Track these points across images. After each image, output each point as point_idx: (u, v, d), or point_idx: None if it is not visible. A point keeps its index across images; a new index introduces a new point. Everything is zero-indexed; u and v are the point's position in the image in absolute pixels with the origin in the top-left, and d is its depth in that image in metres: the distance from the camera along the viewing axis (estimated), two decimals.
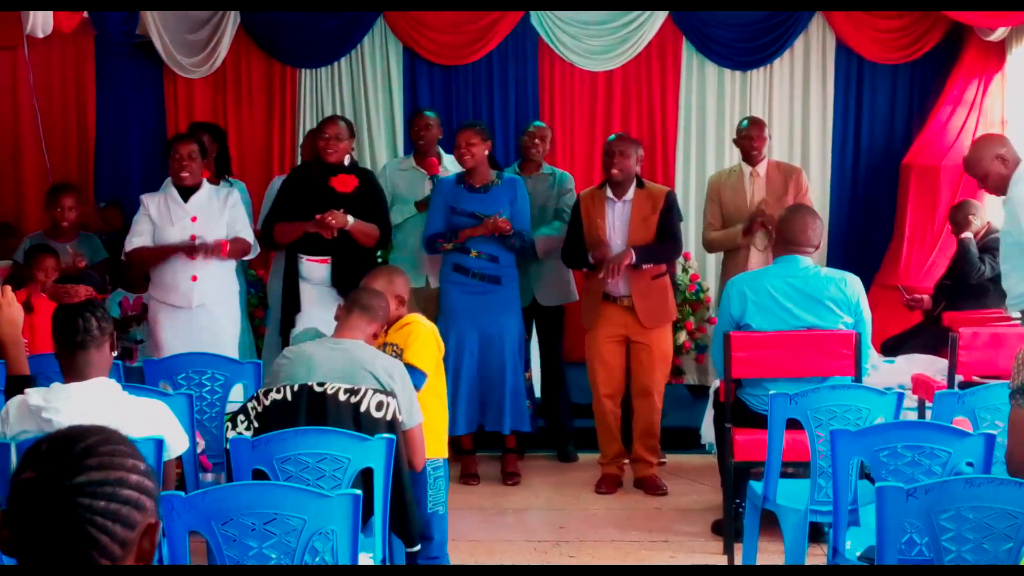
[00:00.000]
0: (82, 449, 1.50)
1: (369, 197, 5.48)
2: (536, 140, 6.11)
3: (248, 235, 5.46)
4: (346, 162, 5.49)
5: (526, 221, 5.61)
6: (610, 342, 5.52)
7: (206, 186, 5.42)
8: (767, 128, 6.02)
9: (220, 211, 5.37)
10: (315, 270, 5.43)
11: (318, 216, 5.25)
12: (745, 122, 6.02)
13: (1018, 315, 4.83)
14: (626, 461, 5.77)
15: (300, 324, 5.25)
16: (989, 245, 5.96)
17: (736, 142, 6.04)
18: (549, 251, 5.92)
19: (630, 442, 5.79)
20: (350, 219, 5.31)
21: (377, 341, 3.86)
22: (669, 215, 5.47)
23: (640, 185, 5.51)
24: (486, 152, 5.55)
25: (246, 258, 5.65)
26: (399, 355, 3.94)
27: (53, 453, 1.50)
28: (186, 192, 5.35)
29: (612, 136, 5.79)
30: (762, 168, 5.90)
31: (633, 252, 5.34)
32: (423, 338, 4.04)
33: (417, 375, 3.88)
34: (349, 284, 4.72)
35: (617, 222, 5.44)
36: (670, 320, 5.64)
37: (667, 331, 5.62)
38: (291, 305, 5.48)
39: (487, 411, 5.59)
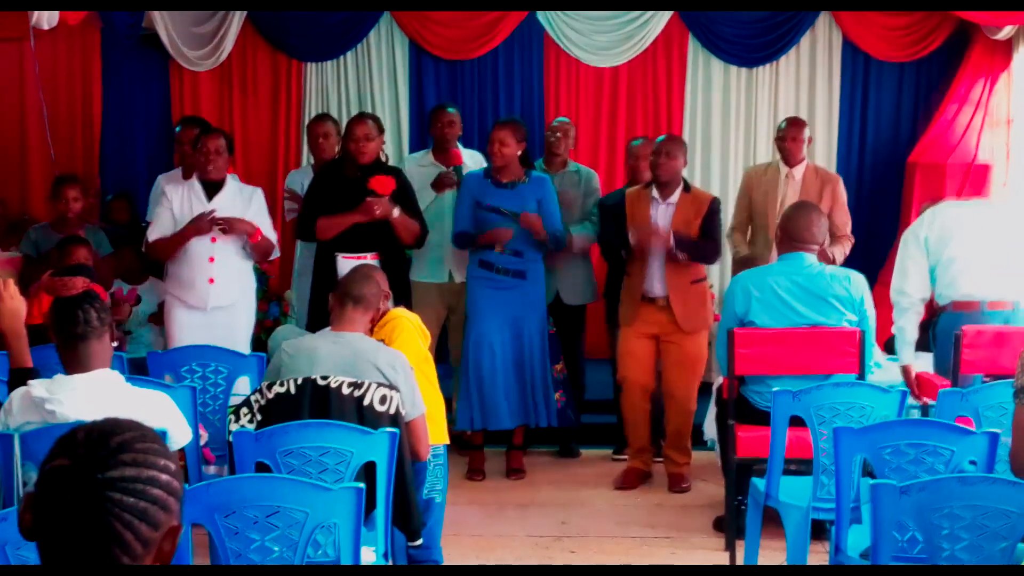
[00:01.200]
0: (118, 444, 1.50)
1: (406, 197, 5.41)
2: (559, 135, 6.10)
3: (272, 239, 5.44)
4: (381, 158, 5.42)
5: (556, 220, 5.60)
6: (641, 338, 5.51)
7: (230, 184, 5.38)
8: (807, 130, 5.96)
9: (243, 211, 5.32)
10: None
11: (369, 200, 5.17)
12: (784, 123, 6.01)
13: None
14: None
15: None
16: None
17: (775, 142, 6.04)
18: (584, 250, 6.00)
19: (655, 441, 5.78)
20: (396, 211, 5.27)
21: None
22: (713, 219, 5.48)
23: (687, 189, 5.52)
24: (518, 153, 5.55)
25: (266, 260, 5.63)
26: None
27: (89, 444, 1.49)
28: (209, 188, 5.31)
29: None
30: (799, 171, 5.87)
31: (672, 236, 5.33)
32: (407, 332, 4.03)
33: None
34: (394, 278, 4.60)
35: (660, 222, 5.42)
36: (706, 327, 5.59)
37: (702, 337, 5.57)
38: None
39: (524, 407, 5.59)
